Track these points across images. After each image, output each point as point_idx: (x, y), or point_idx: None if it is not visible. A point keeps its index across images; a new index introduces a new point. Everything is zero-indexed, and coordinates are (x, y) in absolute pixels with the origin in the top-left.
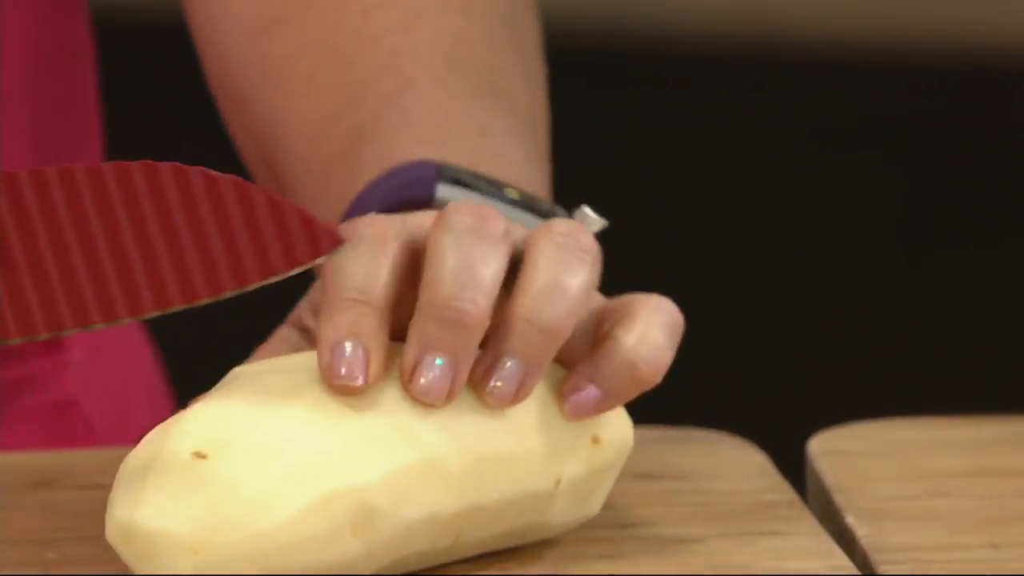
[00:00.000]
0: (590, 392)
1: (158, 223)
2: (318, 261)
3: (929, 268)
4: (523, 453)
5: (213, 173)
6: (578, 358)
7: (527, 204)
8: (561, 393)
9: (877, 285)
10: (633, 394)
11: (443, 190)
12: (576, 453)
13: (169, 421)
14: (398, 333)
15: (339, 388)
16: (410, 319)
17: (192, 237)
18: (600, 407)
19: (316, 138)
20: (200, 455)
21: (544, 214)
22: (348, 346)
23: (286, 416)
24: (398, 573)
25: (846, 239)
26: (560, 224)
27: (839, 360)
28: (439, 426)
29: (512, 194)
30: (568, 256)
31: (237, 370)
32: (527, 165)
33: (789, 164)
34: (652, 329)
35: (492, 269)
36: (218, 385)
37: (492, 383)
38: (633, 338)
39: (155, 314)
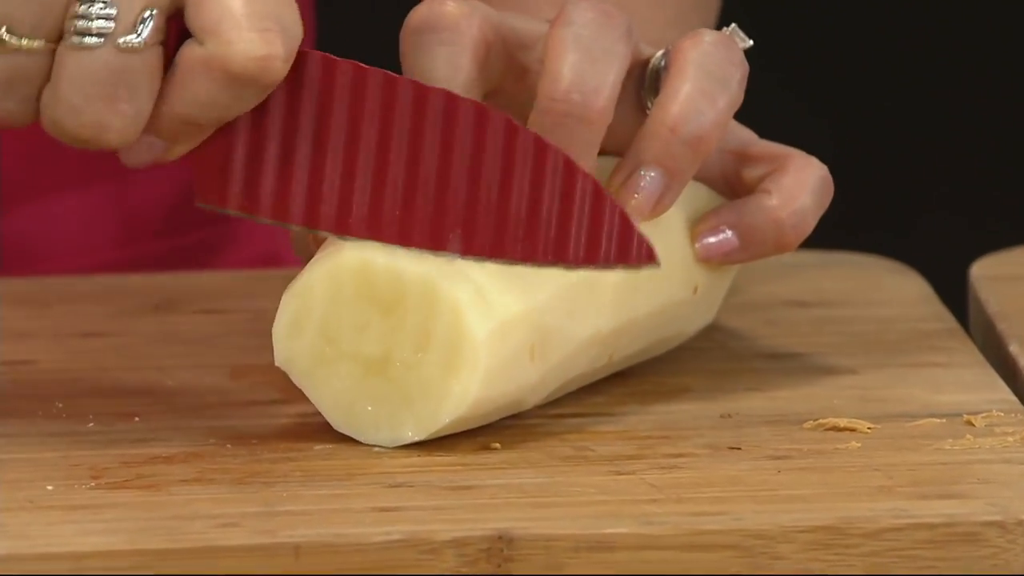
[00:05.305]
0: (728, 238)
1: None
2: None
3: None
4: (667, 263)
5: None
6: (705, 180)
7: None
8: (696, 227)
9: None
10: (769, 254)
11: None
12: None
13: (324, 259)
14: None
15: None
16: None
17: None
18: (732, 256)
19: None
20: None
21: None
22: None
23: None
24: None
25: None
26: (708, 34)
27: (1004, 181)
28: None
29: None
30: (716, 67)
31: None
32: (665, 30)
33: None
34: (804, 193)
35: (615, 62)
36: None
37: (632, 194)
38: (786, 199)
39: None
